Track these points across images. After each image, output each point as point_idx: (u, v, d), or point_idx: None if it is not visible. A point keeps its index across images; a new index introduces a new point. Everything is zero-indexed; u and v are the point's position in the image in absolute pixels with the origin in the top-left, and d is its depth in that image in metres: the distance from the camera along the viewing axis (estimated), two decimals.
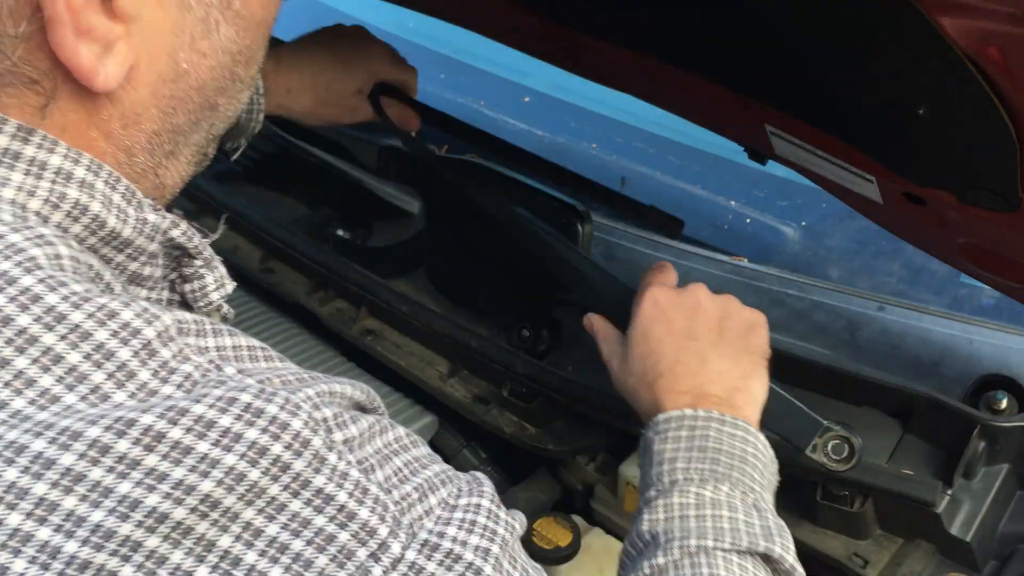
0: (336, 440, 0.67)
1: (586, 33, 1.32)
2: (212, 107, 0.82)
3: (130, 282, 0.77)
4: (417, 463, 0.75)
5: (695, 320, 1.16)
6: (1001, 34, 0.81)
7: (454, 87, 2.35)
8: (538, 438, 1.59)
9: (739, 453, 1.05)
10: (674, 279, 1.25)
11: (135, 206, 0.75)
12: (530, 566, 0.77)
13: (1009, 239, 1.14)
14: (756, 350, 1.16)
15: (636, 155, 2.04)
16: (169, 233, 0.79)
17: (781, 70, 1.10)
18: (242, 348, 0.74)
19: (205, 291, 0.85)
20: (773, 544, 0.98)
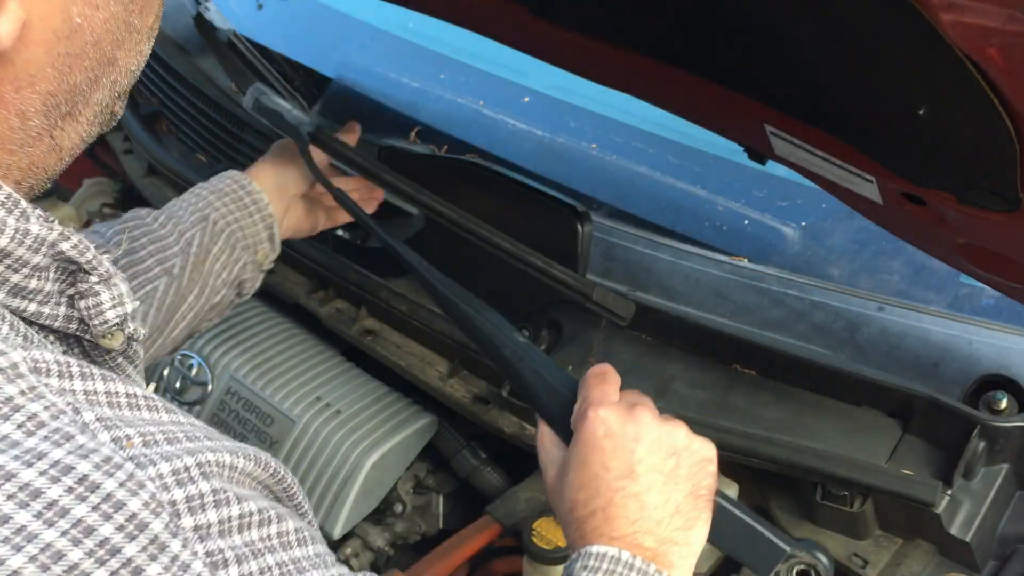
0: (184, 526, 0.61)
1: (585, 33, 1.32)
2: (111, 62, 0.78)
3: (13, 295, 0.73)
4: (294, 565, 0.69)
5: (639, 456, 1.01)
6: (1001, 34, 0.81)
7: (454, 87, 2.34)
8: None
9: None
10: (616, 388, 1.11)
11: (17, 215, 0.70)
12: None
13: (1009, 239, 1.14)
14: (703, 492, 1.04)
15: (636, 155, 2.04)
16: (58, 246, 0.73)
17: (781, 70, 1.10)
18: (119, 395, 0.69)
19: (100, 309, 0.78)
20: None
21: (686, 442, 1.04)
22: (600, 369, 1.13)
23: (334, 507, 1.69)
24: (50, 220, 0.73)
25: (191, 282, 1.42)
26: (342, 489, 1.69)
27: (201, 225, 1.46)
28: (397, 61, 2.49)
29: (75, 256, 0.75)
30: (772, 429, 1.44)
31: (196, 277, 1.43)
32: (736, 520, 1.09)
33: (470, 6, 1.48)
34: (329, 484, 1.71)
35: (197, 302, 1.44)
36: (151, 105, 2.54)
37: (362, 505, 1.72)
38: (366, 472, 1.68)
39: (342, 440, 1.73)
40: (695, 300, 1.65)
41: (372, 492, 1.73)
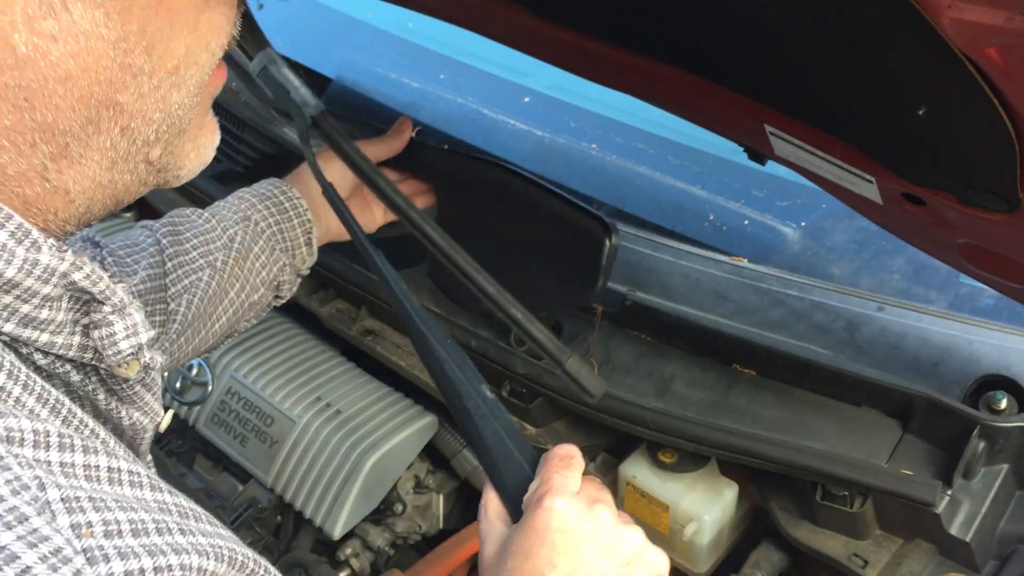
0: None
1: (584, 33, 1.32)
2: (111, 105, 0.72)
3: (23, 325, 0.71)
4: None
5: (590, 559, 0.93)
6: (1001, 34, 0.81)
7: (454, 87, 2.35)
8: (538, 438, 1.59)
9: None
10: (579, 476, 1.00)
11: (27, 245, 0.68)
12: None
13: (1009, 239, 1.14)
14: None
15: (636, 155, 2.04)
16: (70, 276, 0.72)
17: (780, 70, 1.10)
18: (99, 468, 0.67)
19: (114, 339, 0.76)
20: None
21: (640, 552, 0.96)
22: (566, 451, 1.02)
23: (334, 507, 1.70)
24: (63, 249, 0.71)
25: (232, 277, 1.44)
26: (342, 489, 1.69)
27: (243, 224, 1.47)
28: (397, 61, 2.50)
29: (87, 286, 0.73)
30: (772, 429, 1.44)
31: (238, 273, 1.45)
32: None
33: (469, 6, 1.48)
34: (329, 484, 1.71)
35: (238, 298, 1.46)
36: None
37: (362, 505, 1.72)
38: (366, 472, 1.68)
39: (342, 440, 1.73)
40: (695, 300, 1.65)
41: (372, 492, 1.73)
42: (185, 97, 0.78)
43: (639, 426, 1.46)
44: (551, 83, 2.29)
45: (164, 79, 0.75)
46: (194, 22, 0.75)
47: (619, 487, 1.54)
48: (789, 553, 1.50)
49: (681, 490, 1.49)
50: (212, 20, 0.77)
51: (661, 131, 2.09)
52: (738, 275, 1.67)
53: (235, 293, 1.46)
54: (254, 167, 2.23)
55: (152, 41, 0.72)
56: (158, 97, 0.76)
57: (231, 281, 1.45)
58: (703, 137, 1.63)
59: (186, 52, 0.76)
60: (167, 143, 0.80)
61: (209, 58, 0.79)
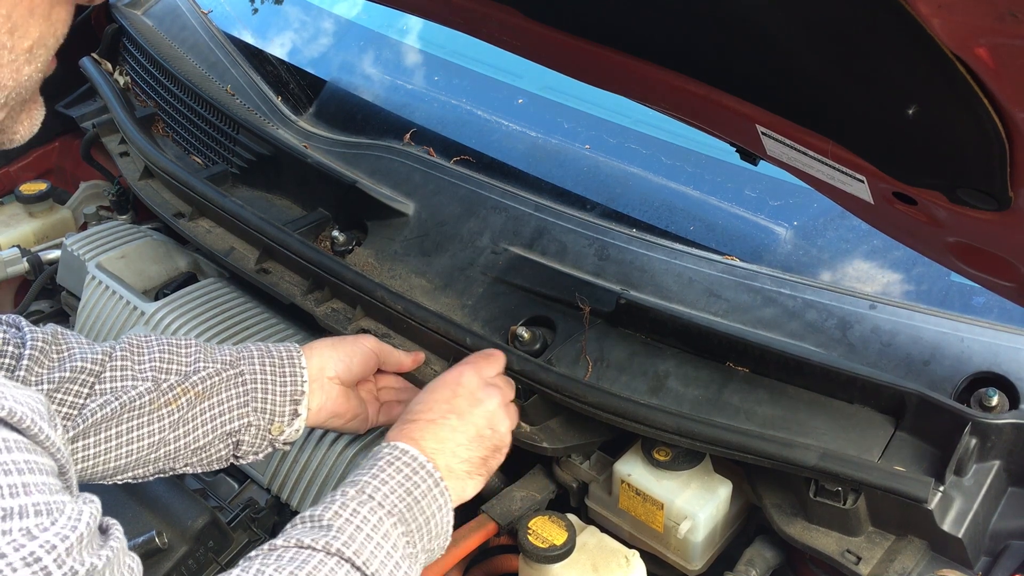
0: None
1: (577, 35, 1.33)
2: None
3: None
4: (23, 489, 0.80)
5: (472, 415, 1.41)
6: (989, 33, 0.82)
7: (448, 89, 2.35)
8: (532, 435, 1.60)
9: (430, 515, 1.28)
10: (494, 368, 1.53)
11: None
12: None
13: (999, 238, 1.15)
14: (486, 466, 1.42)
15: (629, 156, 2.04)
16: None
17: (772, 71, 1.11)
18: None
19: None
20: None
21: (502, 432, 1.45)
22: (493, 352, 1.55)
23: None
24: None
25: (176, 406, 1.43)
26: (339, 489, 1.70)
27: (225, 368, 1.48)
28: (391, 63, 2.50)
29: None
30: (765, 426, 1.45)
31: (185, 406, 1.43)
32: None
33: (463, 9, 1.49)
34: (325, 484, 1.71)
35: (175, 431, 1.43)
36: (146, 108, 2.55)
37: None
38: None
39: (338, 440, 1.73)
40: (688, 299, 1.66)
41: None
42: (34, 72, 0.96)
43: (633, 422, 1.47)
44: (544, 84, 2.29)
45: (20, 55, 0.93)
46: (48, 13, 0.94)
47: (614, 485, 1.54)
48: (783, 550, 1.51)
49: (675, 488, 1.49)
50: (59, 14, 0.96)
51: (654, 132, 2.10)
52: (731, 274, 1.68)
53: (173, 424, 1.43)
54: (249, 168, 2.24)
55: (15, 24, 0.90)
56: (14, 69, 0.93)
57: (173, 409, 1.42)
58: (695, 137, 1.64)
59: (39, 36, 0.94)
60: (11, 109, 0.98)
61: (54, 43, 0.98)
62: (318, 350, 1.57)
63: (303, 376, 1.52)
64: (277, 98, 2.43)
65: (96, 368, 1.41)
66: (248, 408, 1.48)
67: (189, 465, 1.48)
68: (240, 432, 1.48)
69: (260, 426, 1.50)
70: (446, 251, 1.90)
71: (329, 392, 1.56)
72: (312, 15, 2.74)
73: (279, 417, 1.51)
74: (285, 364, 1.52)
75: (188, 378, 1.44)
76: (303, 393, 1.52)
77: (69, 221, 2.68)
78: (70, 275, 2.29)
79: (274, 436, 1.51)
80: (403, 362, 1.68)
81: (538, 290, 1.76)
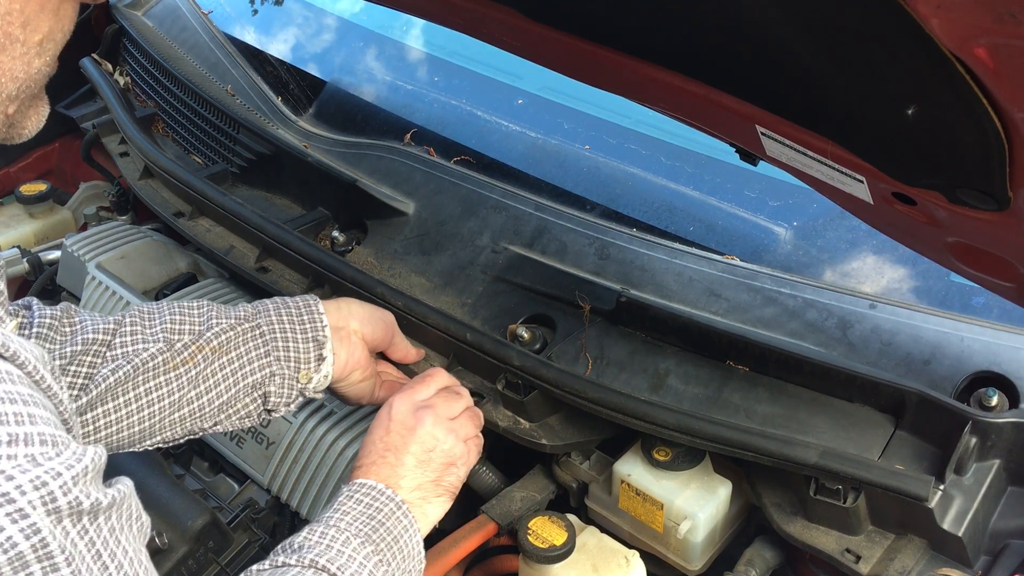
0: None
1: (577, 36, 1.33)
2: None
3: None
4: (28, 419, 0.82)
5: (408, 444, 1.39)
6: (988, 34, 0.82)
7: (448, 90, 2.35)
8: (532, 432, 1.60)
9: (397, 536, 1.29)
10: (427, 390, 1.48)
11: None
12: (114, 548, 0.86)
13: (998, 238, 1.15)
14: (444, 483, 1.41)
15: (629, 156, 2.05)
16: None
17: (771, 72, 1.11)
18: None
19: None
20: None
21: (447, 447, 1.42)
22: (431, 372, 1.52)
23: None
24: None
25: (192, 363, 1.42)
26: (338, 489, 1.70)
27: (239, 323, 1.47)
28: (391, 64, 2.50)
29: None
30: (765, 424, 1.45)
31: (201, 362, 1.43)
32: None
33: (463, 9, 1.49)
34: (326, 484, 1.71)
35: (195, 388, 1.43)
36: (146, 108, 2.55)
37: None
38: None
39: (338, 440, 1.74)
40: (688, 298, 1.66)
41: None
42: (43, 66, 1.00)
43: (634, 418, 1.47)
44: (544, 85, 2.29)
45: (32, 48, 0.97)
46: (56, 8, 0.98)
47: (614, 485, 1.55)
48: (782, 550, 1.51)
49: (675, 488, 1.50)
50: (67, 10, 1.00)
51: (653, 132, 2.10)
52: (731, 274, 1.68)
53: (192, 381, 1.42)
54: (249, 167, 2.24)
55: (27, 18, 0.95)
56: (25, 62, 0.97)
57: (190, 367, 1.42)
58: (695, 138, 1.65)
59: (49, 30, 0.98)
60: (22, 103, 1.02)
61: (62, 38, 1.02)
62: (346, 303, 1.59)
63: (323, 322, 1.52)
64: (277, 98, 2.44)
65: (107, 338, 1.41)
66: (270, 358, 1.48)
67: (219, 423, 1.48)
68: (265, 383, 1.48)
69: (286, 375, 1.49)
70: (446, 250, 1.91)
71: (355, 344, 1.56)
72: (312, 15, 2.74)
73: (305, 364, 1.50)
74: (303, 312, 1.52)
75: (202, 335, 1.44)
76: (326, 337, 1.52)
77: (69, 222, 2.68)
78: (70, 276, 2.29)
79: (303, 384, 1.51)
80: (409, 352, 1.69)
81: (538, 288, 1.76)
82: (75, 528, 0.83)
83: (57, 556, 0.80)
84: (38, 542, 0.78)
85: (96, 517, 0.86)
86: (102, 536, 0.86)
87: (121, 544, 0.89)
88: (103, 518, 0.87)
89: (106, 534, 0.87)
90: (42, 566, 0.79)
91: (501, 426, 1.62)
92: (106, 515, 0.87)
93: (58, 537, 0.80)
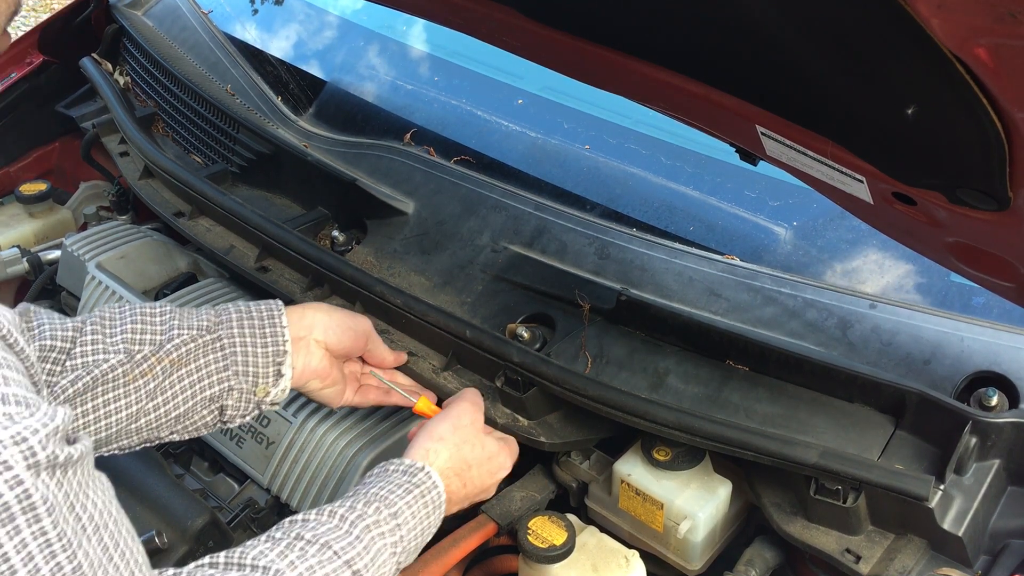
0: None
1: (577, 36, 1.33)
2: None
3: None
4: (2, 381, 0.85)
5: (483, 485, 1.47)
6: (989, 33, 0.82)
7: (448, 89, 2.35)
8: (531, 430, 1.60)
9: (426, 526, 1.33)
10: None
11: None
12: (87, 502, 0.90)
13: (999, 238, 1.15)
14: (483, 489, 1.48)
15: (629, 156, 2.05)
16: None
17: (772, 72, 1.11)
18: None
19: None
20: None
21: (502, 460, 1.49)
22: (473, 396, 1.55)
23: None
24: None
25: (151, 376, 1.41)
26: (338, 489, 1.70)
27: (200, 334, 1.46)
28: (391, 64, 2.50)
29: None
30: (765, 424, 1.45)
31: (160, 374, 1.42)
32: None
33: (463, 9, 1.49)
34: (325, 484, 1.71)
35: (152, 400, 1.42)
36: (146, 108, 2.55)
37: None
38: (362, 471, 1.68)
39: (338, 440, 1.73)
40: (689, 298, 1.66)
41: None
42: None
43: (634, 417, 1.47)
44: (544, 85, 2.29)
45: None
46: None
47: (613, 485, 1.55)
48: (782, 550, 1.51)
49: (675, 488, 1.50)
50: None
51: (654, 132, 2.10)
52: (731, 273, 1.68)
53: (150, 393, 1.41)
54: (249, 167, 2.24)
55: None
56: None
57: (149, 379, 1.41)
58: (695, 138, 1.64)
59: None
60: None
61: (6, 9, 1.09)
62: (311, 311, 1.57)
63: (284, 335, 1.50)
64: (277, 98, 2.44)
65: (66, 345, 1.39)
66: (228, 372, 1.47)
67: (175, 433, 1.47)
68: (223, 397, 1.47)
69: (243, 389, 1.48)
70: (446, 249, 1.91)
71: (314, 354, 1.55)
72: (312, 15, 2.74)
73: (263, 379, 1.49)
74: (265, 324, 1.50)
75: (162, 347, 1.42)
76: (286, 353, 1.50)
77: (69, 221, 2.68)
78: (70, 275, 2.29)
79: (259, 398, 1.50)
80: (386, 358, 1.68)
81: (538, 288, 1.76)
82: (52, 480, 0.86)
83: (40, 507, 0.84)
84: (21, 493, 0.82)
85: (67, 471, 0.89)
86: (73, 489, 0.90)
87: (90, 497, 0.93)
88: (71, 472, 0.90)
89: (76, 487, 0.91)
90: (26, 517, 0.83)
91: (500, 423, 1.62)
92: (74, 469, 0.91)
93: (40, 489, 0.84)
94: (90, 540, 0.90)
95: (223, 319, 1.49)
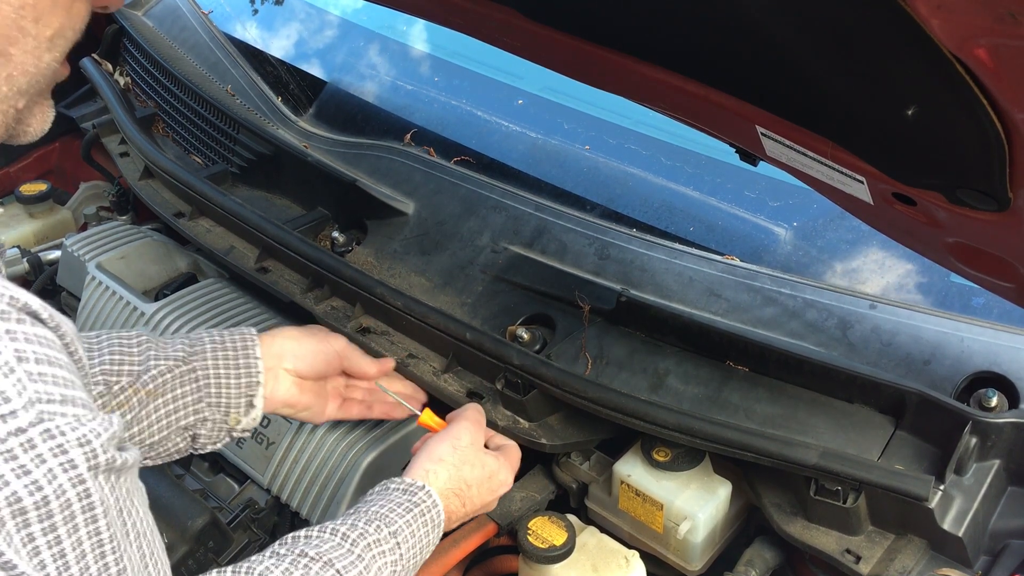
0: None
1: (577, 37, 1.33)
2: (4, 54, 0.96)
3: None
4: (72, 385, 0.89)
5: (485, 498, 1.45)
6: (989, 34, 0.82)
7: (448, 90, 2.35)
8: (531, 432, 1.60)
9: (425, 544, 1.34)
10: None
11: None
12: (128, 504, 0.93)
13: (999, 238, 1.15)
14: (482, 503, 1.45)
15: (629, 157, 2.05)
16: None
17: (772, 73, 1.11)
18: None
19: None
20: None
21: (503, 477, 1.47)
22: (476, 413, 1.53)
23: (331, 507, 1.70)
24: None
25: (129, 407, 1.43)
26: (338, 489, 1.70)
27: (175, 365, 1.47)
28: (391, 64, 2.50)
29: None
30: (765, 424, 1.45)
31: (136, 405, 1.43)
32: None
33: (463, 9, 1.49)
34: (325, 484, 1.71)
35: (127, 431, 1.42)
36: (146, 108, 2.55)
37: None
38: (362, 472, 1.69)
39: (338, 440, 1.73)
40: (689, 298, 1.66)
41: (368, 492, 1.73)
42: (53, 61, 1.03)
43: (633, 418, 1.47)
44: (544, 85, 2.30)
45: (43, 43, 0.99)
46: (69, 6, 1.01)
47: (613, 486, 1.54)
48: (782, 551, 1.51)
49: (675, 489, 1.50)
50: (79, 9, 1.03)
51: (653, 132, 2.10)
52: (731, 274, 1.68)
53: (126, 424, 1.42)
54: (249, 167, 2.24)
55: (39, 13, 0.97)
56: (36, 56, 1.00)
57: (125, 410, 1.43)
58: (695, 138, 1.64)
59: (60, 27, 1.01)
60: (30, 98, 1.04)
61: (73, 36, 1.04)
62: (280, 339, 1.58)
63: (258, 367, 1.52)
64: (277, 98, 2.44)
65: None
66: (202, 404, 1.49)
67: (148, 459, 1.49)
68: (196, 426, 1.49)
69: (216, 419, 1.50)
70: (446, 250, 1.91)
71: (282, 382, 1.56)
72: (312, 15, 2.74)
73: (234, 409, 1.51)
74: (239, 355, 1.52)
75: (139, 378, 1.44)
76: (258, 384, 1.52)
77: (69, 222, 2.68)
78: (70, 276, 2.29)
79: (231, 427, 1.52)
80: (368, 370, 1.68)
81: (538, 288, 1.76)
82: (107, 484, 0.90)
83: (97, 507, 0.88)
84: (83, 491, 0.86)
85: (119, 476, 0.93)
86: (123, 495, 0.94)
87: (135, 504, 0.97)
88: (122, 479, 0.94)
89: (125, 493, 0.95)
90: (84, 516, 0.87)
91: (500, 426, 1.62)
92: (125, 476, 0.95)
93: (98, 490, 0.88)
94: (131, 545, 0.94)
95: (197, 350, 1.51)
